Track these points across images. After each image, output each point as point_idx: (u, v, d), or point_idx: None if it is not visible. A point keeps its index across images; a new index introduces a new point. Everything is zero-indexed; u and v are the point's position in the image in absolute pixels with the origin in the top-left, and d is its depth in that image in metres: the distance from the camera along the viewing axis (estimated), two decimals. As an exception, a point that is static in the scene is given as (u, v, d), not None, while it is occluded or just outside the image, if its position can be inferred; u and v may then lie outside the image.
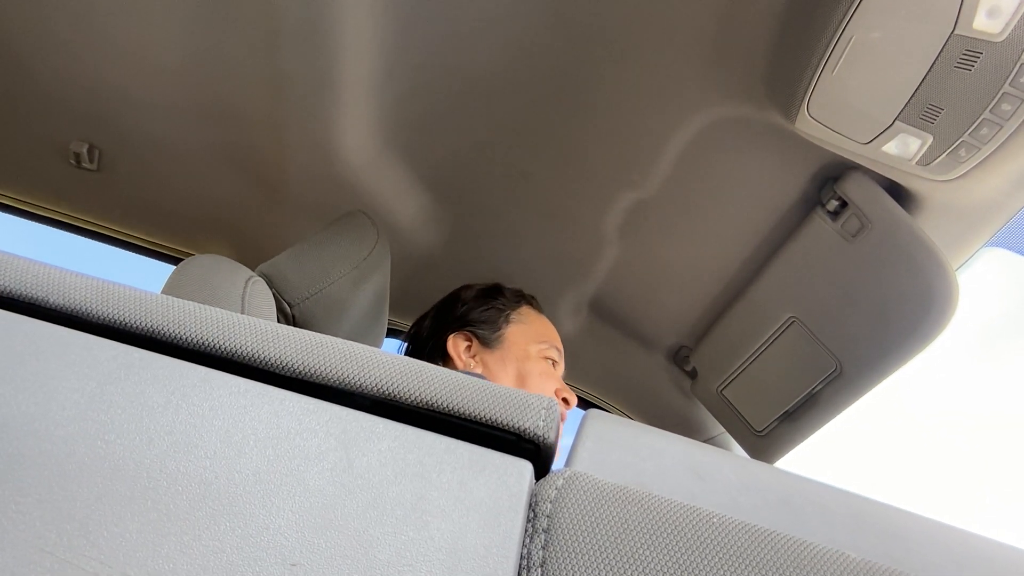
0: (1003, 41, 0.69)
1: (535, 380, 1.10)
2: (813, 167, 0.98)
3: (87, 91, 1.25)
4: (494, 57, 1.02)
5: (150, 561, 0.31)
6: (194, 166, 1.35)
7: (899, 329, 0.90)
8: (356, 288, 1.06)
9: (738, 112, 0.97)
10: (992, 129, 0.74)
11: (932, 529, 0.39)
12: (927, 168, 0.82)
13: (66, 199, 1.50)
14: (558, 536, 0.34)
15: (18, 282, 0.43)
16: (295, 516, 0.33)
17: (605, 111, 1.05)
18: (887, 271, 0.91)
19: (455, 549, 0.33)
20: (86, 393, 0.36)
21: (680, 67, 0.95)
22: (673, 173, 1.09)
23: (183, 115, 1.25)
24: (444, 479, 0.36)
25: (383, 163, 1.25)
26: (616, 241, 1.25)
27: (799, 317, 1.05)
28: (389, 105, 1.14)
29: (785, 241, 1.07)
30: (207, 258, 0.90)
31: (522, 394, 0.41)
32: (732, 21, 0.87)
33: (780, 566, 0.33)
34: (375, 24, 1.01)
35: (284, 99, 1.14)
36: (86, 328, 0.40)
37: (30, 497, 0.32)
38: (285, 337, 0.43)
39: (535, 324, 1.19)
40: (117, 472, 0.34)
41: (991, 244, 0.92)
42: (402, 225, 1.35)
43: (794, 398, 1.08)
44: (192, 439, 0.35)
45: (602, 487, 0.36)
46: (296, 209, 1.38)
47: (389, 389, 0.41)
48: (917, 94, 0.76)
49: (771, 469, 0.43)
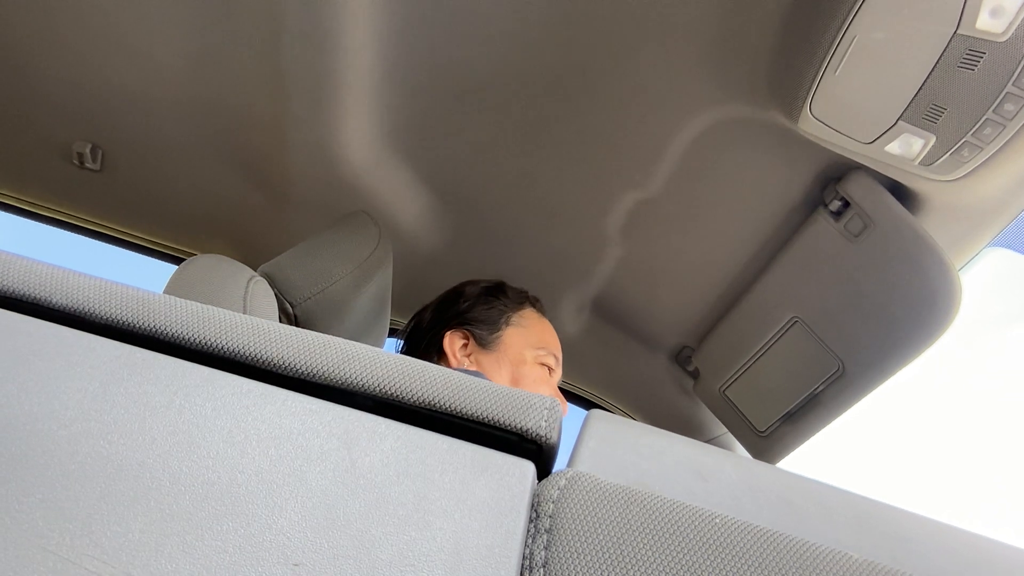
0: (1006, 41, 0.69)
1: (529, 386, 1.08)
2: (816, 167, 0.98)
3: (90, 91, 1.25)
4: (496, 57, 1.02)
5: (153, 561, 0.31)
6: (196, 166, 1.35)
7: (902, 329, 0.90)
8: (358, 288, 1.06)
9: (741, 112, 0.97)
10: (995, 129, 0.74)
11: (934, 530, 0.39)
12: (930, 168, 0.82)
13: (69, 199, 1.50)
14: (560, 536, 0.34)
15: (21, 282, 0.43)
16: (298, 516, 0.33)
17: (608, 111, 1.05)
18: (890, 271, 0.91)
19: (457, 549, 0.33)
20: (89, 393, 0.37)
21: (683, 67, 0.95)
22: (676, 173, 1.09)
23: (186, 115, 1.25)
24: (446, 479, 0.36)
25: (385, 163, 1.25)
26: (619, 241, 1.25)
27: (802, 317, 1.05)
28: (391, 105, 1.14)
29: (788, 241, 1.07)
30: (209, 258, 0.90)
31: (524, 394, 0.41)
32: (735, 21, 0.87)
33: (782, 566, 0.33)
34: (377, 24, 1.01)
35: (286, 99, 1.14)
36: (89, 328, 0.40)
37: (33, 497, 0.32)
38: (287, 337, 0.43)
39: (535, 328, 1.17)
40: (120, 472, 0.34)
41: (994, 244, 0.92)
42: (404, 225, 1.36)
43: (797, 398, 1.08)
44: (195, 439, 0.35)
45: (604, 487, 0.36)
46: (298, 209, 1.38)
47: (391, 389, 0.41)
48: (920, 94, 0.76)
49: (773, 469, 0.43)
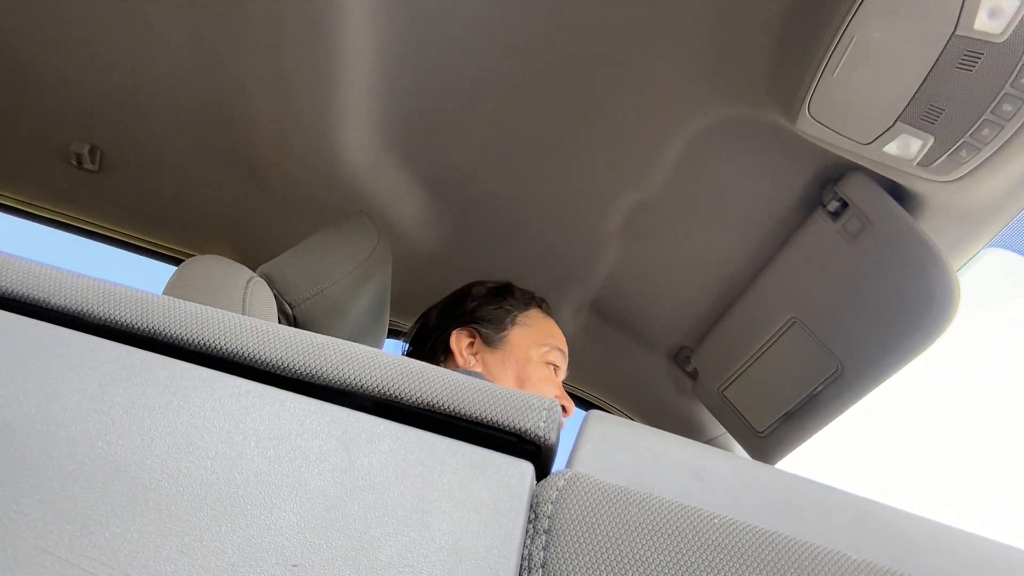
0: (1004, 42, 0.69)
1: (534, 385, 1.09)
2: (814, 168, 0.98)
3: (88, 92, 1.25)
4: (494, 58, 1.02)
5: (151, 562, 0.31)
6: (195, 167, 1.35)
7: (900, 330, 0.90)
8: (357, 289, 1.06)
9: (739, 113, 0.97)
10: (993, 130, 0.74)
11: (933, 530, 0.39)
12: (928, 169, 0.82)
13: (67, 200, 1.50)
14: (559, 537, 0.34)
15: (19, 283, 0.43)
16: (296, 517, 0.33)
17: (606, 111, 1.05)
18: (888, 272, 0.91)
19: (456, 550, 0.33)
20: (87, 394, 0.37)
21: (681, 67, 0.95)
22: (674, 174, 1.09)
23: (184, 116, 1.25)
24: (445, 480, 0.36)
25: (384, 164, 1.25)
26: (617, 241, 1.25)
27: (800, 318, 1.05)
28: (390, 106, 1.14)
29: (786, 242, 1.07)
30: (208, 259, 0.90)
31: (523, 395, 0.41)
32: (734, 22, 0.87)
33: (781, 567, 0.33)
34: (375, 26, 1.01)
35: (285, 100, 1.14)
36: (87, 329, 0.40)
37: (31, 498, 0.32)
38: (286, 338, 0.43)
39: (541, 327, 1.18)
40: (118, 473, 0.34)
41: (992, 245, 0.92)
42: (403, 226, 1.36)
43: (795, 399, 1.08)
44: (193, 440, 0.35)
45: (603, 488, 0.36)
46: (297, 210, 1.38)
47: (390, 390, 0.41)
48: (918, 95, 0.76)
49: (772, 470, 0.43)
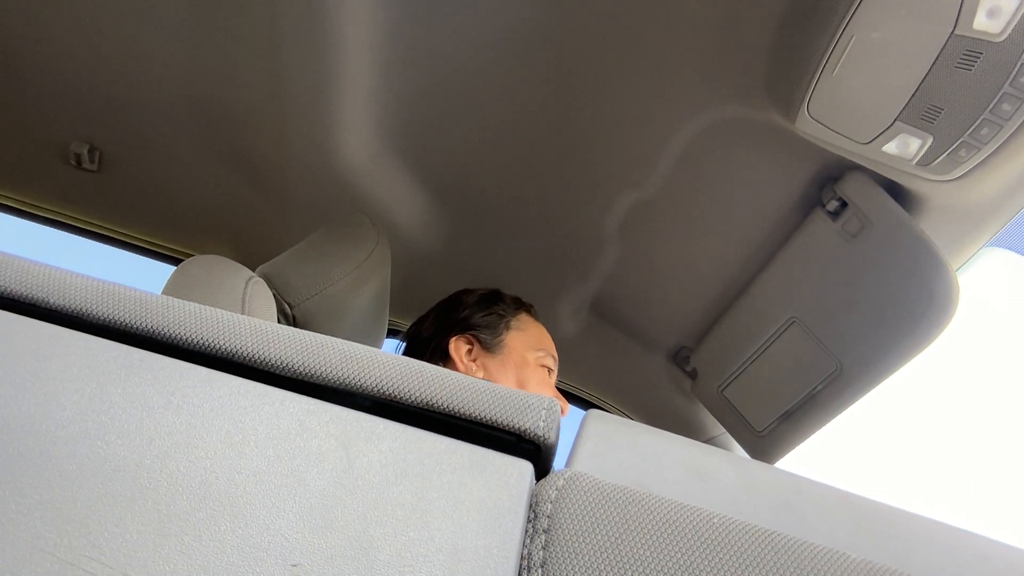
0: (1003, 41, 0.69)
1: (533, 388, 1.12)
2: (813, 167, 0.98)
3: (87, 92, 1.25)
4: (493, 57, 1.02)
5: (150, 562, 0.31)
6: (194, 166, 1.35)
7: (900, 329, 0.90)
8: (357, 289, 1.06)
9: (738, 112, 0.97)
10: (992, 129, 0.74)
11: (933, 529, 0.39)
12: (927, 168, 0.82)
13: (66, 200, 1.50)
14: (559, 536, 0.34)
15: (18, 283, 0.43)
16: (296, 517, 0.33)
17: (605, 111, 1.05)
18: (887, 271, 0.91)
19: (456, 549, 0.33)
20: (86, 394, 0.36)
21: (681, 67, 0.95)
22: (674, 173, 1.09)
23: (184, 116, 1.25)
24: (444, 480, 0.36)
25: (383, 164, 1.25)
26: (616, 241, 1.25)
27: (799, 317, 1.05)
28: (389, 106, 1.14)
29: (785, 241, 1.07)
30: (207, 258, 0.90)
31: (522, 394, 0.41)
32: (733, 21, 0.87)
33: (780, 566, 0.33)
34: (374, 25, 1.01)
35: (284, 100, 1.14)
36: (86, 329, 0.40)
37: (30, 498, 0.32)
38: (286, 338, 0.43)
39: (533, 332, 1.21)
40: (117, 473, 0.34)
41: (992, 244, 0.92)
42: (402, 226, 1.36)
43: (794, 398, 1.08)
44: (193, 440, 0.35)
45: (603, 487, 0.36)
46: (296, 210, 1.38)
47: (389, 390, 0.41)
48: (917, 94, 0.76)
49: (771, 469, 0.43)
